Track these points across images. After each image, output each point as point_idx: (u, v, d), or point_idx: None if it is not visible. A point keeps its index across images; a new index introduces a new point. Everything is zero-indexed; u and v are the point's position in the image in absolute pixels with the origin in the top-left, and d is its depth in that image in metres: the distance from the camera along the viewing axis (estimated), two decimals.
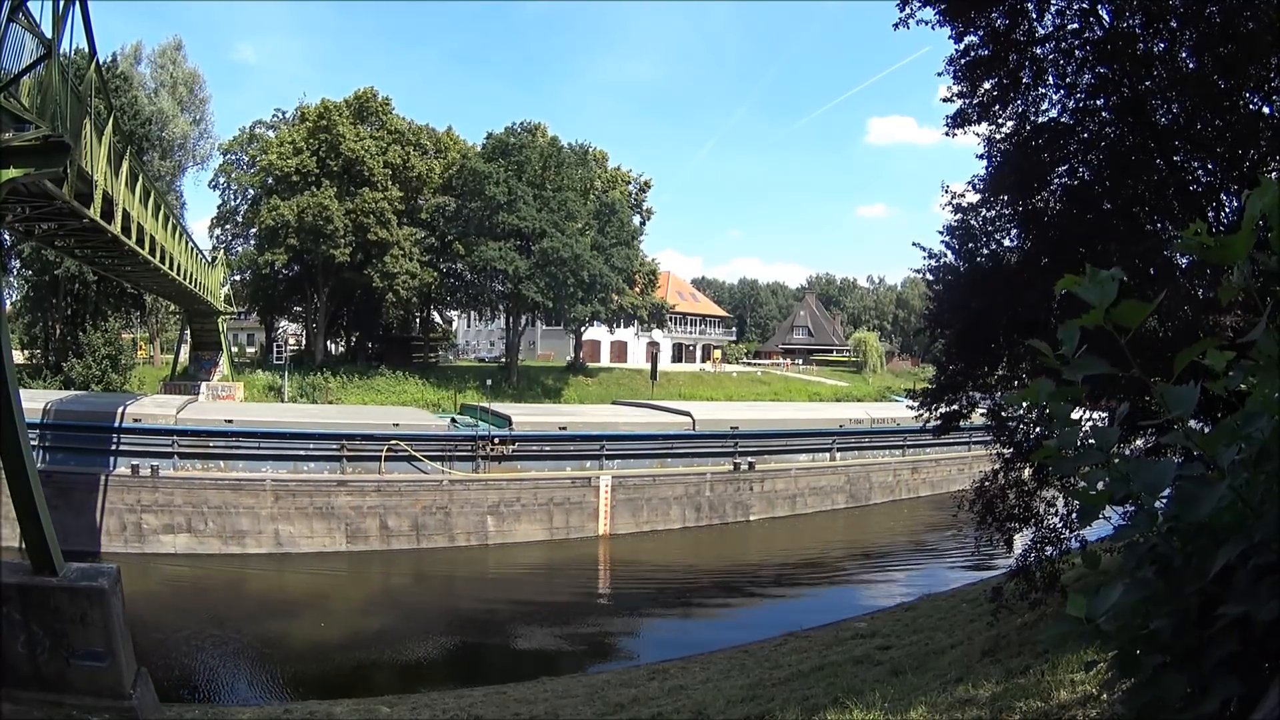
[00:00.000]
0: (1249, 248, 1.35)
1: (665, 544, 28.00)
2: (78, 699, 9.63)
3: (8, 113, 10.20)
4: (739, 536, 29.93)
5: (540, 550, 26.53)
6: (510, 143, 49.33)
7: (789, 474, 32.74)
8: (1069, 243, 9.23)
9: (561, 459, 28.72)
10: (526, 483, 27.33)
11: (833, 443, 34.90)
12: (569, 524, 27.50)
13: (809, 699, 9.09)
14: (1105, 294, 1.40)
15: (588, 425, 30.34)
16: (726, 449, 31.47)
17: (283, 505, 24.29)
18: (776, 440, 33.48)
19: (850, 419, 37.50)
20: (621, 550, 27.28)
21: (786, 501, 32.30)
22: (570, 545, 27.05)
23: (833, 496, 33.94)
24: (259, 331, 64.01)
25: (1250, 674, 1.20)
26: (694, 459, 30.88)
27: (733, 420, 33.52)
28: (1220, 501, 1.24)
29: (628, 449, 29.74)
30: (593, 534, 27.74)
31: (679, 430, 31.55)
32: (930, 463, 38.17)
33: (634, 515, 28.62)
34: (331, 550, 24.46)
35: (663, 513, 29.19)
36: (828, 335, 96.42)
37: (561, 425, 29.72)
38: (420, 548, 25.46)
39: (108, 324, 38.34)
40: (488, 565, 25.42)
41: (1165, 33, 9.02)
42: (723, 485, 30.77)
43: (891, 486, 36.49)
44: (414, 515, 25.64)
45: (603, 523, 27.94)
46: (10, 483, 9.82)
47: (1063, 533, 10.27)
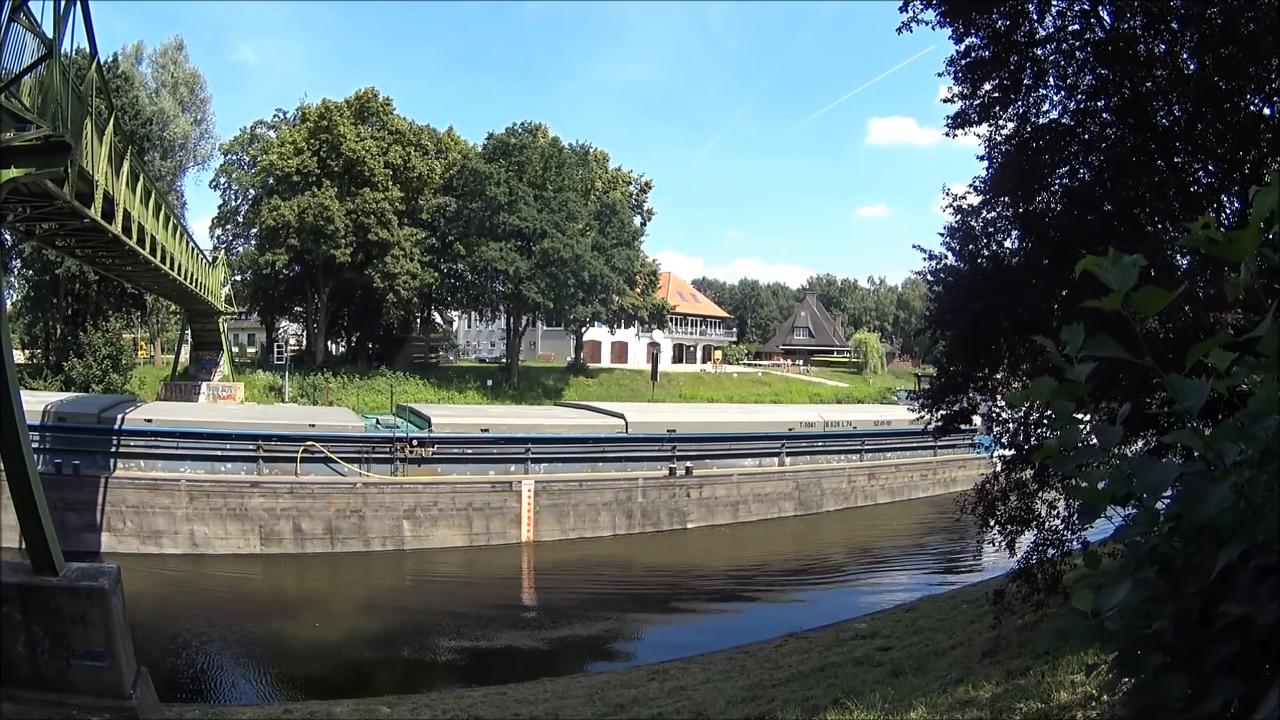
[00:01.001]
0: (1256, 245, 1.35)
1: (592, 552, 26.81)
2: (78, 699, 9.62)
3: (9, 112, 10.21)
4: (672, 545, 28.35)
5: (458, 556, 25.64)
6: (511, 143, 49.35)
7: (730, 480, 31.31)
8: (1070, 244, 9.22)
9: (484, 462, 27.84)
10: (444, 486, 26.44)
11: (781, 447, 33.58)
12: (489, 529, 26.56)
13: (809, 700, 9.09)
14: (1126, 278, 1.39)
15: (511, 427, 29.35)
16: (664, 453, 30.28)
17: (198, 506, 23.88)
18: (718, 444, 32.18)
19: (801, 422, 36.17)
20: (545, 558, 26.20)
21: (728, 509, 30.86)
22: (491, 552, 26.14)
23: (779, 504, 32.28)
24: (259, 332, 64.03)
25: (1251, 675, 1.19)
26: (628, 463, 29.72)
27: (670, 423, 32.25)
28: (1223, 502, 1.24)
29: (555, 452, 28.80)
30: (515, 540, 26.77)
31: (610, 433, 30.48)
32: (890, 468, 36.84)
33: (559, 521, 27.53)
34: (246, 552, 23.97)
35: (591, 519, 28.02)
36: (828, 336, 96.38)
37: (484, 427, 28.87)
38: (335, 552, 24.86)
39: (108, 324, 38.34)
40: (402, 572, 24.58)
41: (1166, 34, 9.02)
42: (657, 491, 29.42)
43: (846, 493, 34.86)
44: (328, 518, 25.00)
45: (525, 529, 26.97)
46: (10, 483, 9.82)
47: (1064, 534, 10.27)
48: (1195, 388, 1.37)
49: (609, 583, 24.21)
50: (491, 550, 26.17)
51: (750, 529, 30.43)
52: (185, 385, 39.79)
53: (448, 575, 24.43)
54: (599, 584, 23.96)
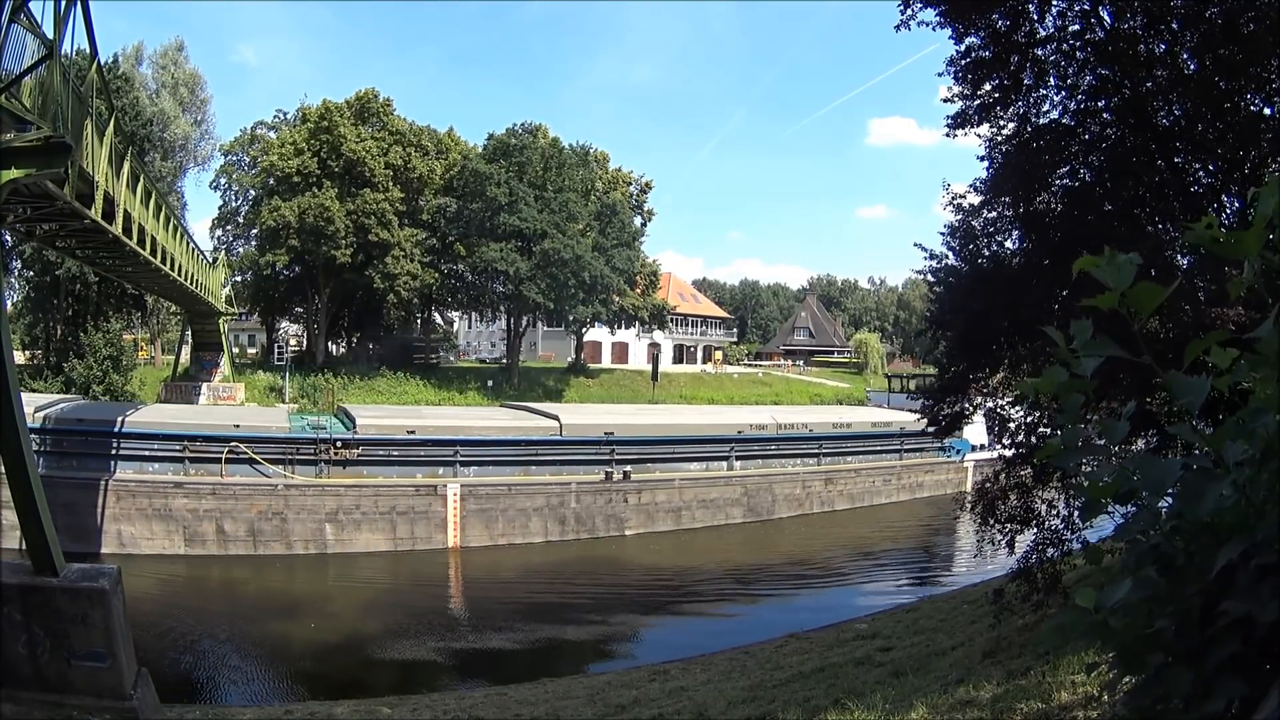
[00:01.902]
0: (1260, 245, 1.35)
1: (520, 558, 25.96)
2: (78, 699, 9.62)
3: (9, 113, 10.22)
4: (607, 553, 27.08)
5: (382, 562, 25.00)
6: (511, 144, 49.34)
7: (672, 485, 29.89)
8: (1070, 244, 9.22)
9: (412, 464, 27.14)
10: (366, 489, 25.78)
11: (730, 450, 32.34)
12: (414, 534, 25.83)
13: (810, 700, 9.09)
14: (1123, 277, 1.40)
15: (439, 429, 28.56)
16: (601, 456, 29.18)
17: (124, 506, 23.59)
18: (660, 447, 30.86)
19: (752, 424, 34.77)
20: (473, 564, 25.32)
21: (669, 515, 29.47)
22: (416, 557, 25.40)
23: (726, 510, 30.82)
24: (260, 332, 64.03)
25: (1252, 674, 1.19)
26: (564, 467, 28.77)
27: (608, 425, 30.90)
28: (1223, 500, 1.24)
29: (484, 455, 28.00)
30: (441, 546, 25.97)
31: (544, 435, 29.55)
32: (849, 473, 35.32)
33: (488, 527, 26.63)
34: (171, 553, 23.59)
35: (521, 525, 27.07)
36: (829, 336, 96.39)
37: (410, 428, 28.16)
38: (258, 554, 24.37)
39: (109, 325, 38.33)
40: (323, 576, 23.90)
41: (1166, 34, 9.02)
42: (591, 496, 28.25)
43: (800, 499, 33.15)
44: (250, 520, 24.57)
45: (452, 534, 26.13)
46: (10, 483, 9.82)
47: (1064, 534, 10.27)
48: (1194, 385, 1.38)
49: (538, 590, 23.25)
50: (416, 556, 25.45)
51: (694, 536, 29.08)
52: (186, 386, 39.81)
53: (366, 580, 23.60)
54: (526, 592, 23.04)
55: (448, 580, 24.82)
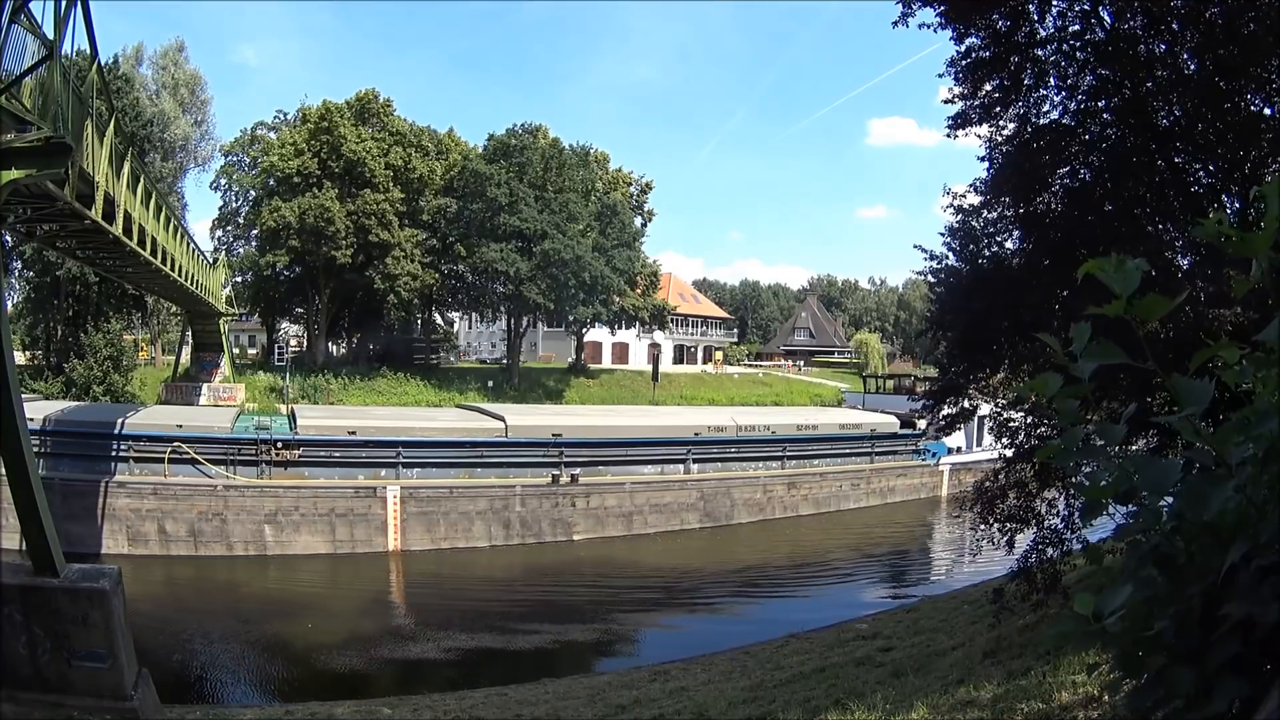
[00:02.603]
0: (1269, 243, 1.35)
1: (463, 564, 25.20)
2: (79, 700, 9.62)
3: (9, 114, 10.21)
4: (550, 558, 26.25)
5: (321, 565, 24.40)
6: (511, 144, 49.32)
7: (622, 489, 28.86)
8: (1070, 244, 9.23)
9: (354, 466, 26.59)
10: (305, 491, 25.27)
11: (688, 453, 31.28)
12: (354, 537, 25.26)
13: (810, 700, 9.09)
14: (1129, 282, 1.39)
15: (380, 430, 27.95)
16: (550, 459, 28.40)
17: (70, 505, 23.02)
18: (611, 450, 29.93)
19: (710, 426, 33.58)
20: (411, 569, 24.68)
21: (620, 520, 28.41)
22: (356, 561, 24.85)
23: (681, 515, 29.74)
24: (260, 333, 64.00)
25: (1252, 675, 1.19)
26: (510, 469, 28.08)
27: (556, 427, 30.11)
28: (1225, 501, 1.24)
29: (427, 456, 27.40)
30: (381, 549, 25.42)
31: (489, 437, 28.81)
32: (814, 477, 34.09)
33: (429, 530, 25.97)
34: (114, 553, 22.86)
35: (464, 529, 26.34)
36: (829, 337, 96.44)
37: (351, 429, 27.58)
38: (199, 555, 24.01)
39: (109, 325, 38.32)
40: (261, 578, 23.28)
41: (1166, 34, 9.03)
42: (537, 500, 27.48)
43: (761, 504, 31.93)
44: (191, 520, 24.21)
45: (392, 537, 25.56)
46: (11, 484, 9.83)
47: (1064, 534, 10.28)
48: (1199, 389, 1.37)
49: (480, 596, 22.51)
50: (356, 559, 24.99)
51: (645, 542, 28.05)
52: (186, 386, 39.79)
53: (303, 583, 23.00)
54: (468, 599, 22.20)
55: (386, 585, 24.23)
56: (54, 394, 34.30)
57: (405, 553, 25.45)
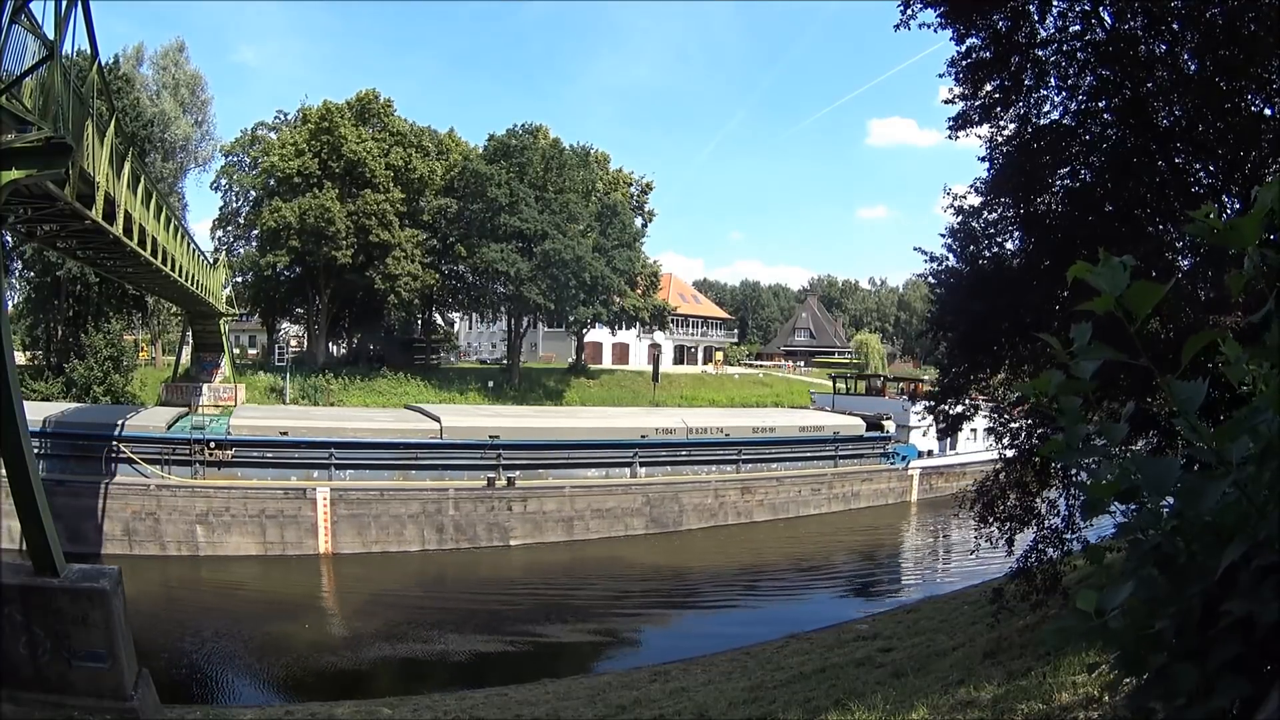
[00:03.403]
0: (1258, 234, 1.35)
1: (391, 569, 24.64)
2: (79, 700, 9.62)
3: (10, 114, 10.22)
4: (482, 563, 25.63)
5: (252, 567, 23.99)
6: (512, 145, 49.33)
7: (562, 492, 28.04)
8: (1071, 245, 9.23)
9: (287, 467, 26.13)
10: (236, 491, 24.94)
11: (634, 456, 30.16)
12: (284, 539, 24.86)
13: (811, 701, 9.09)
14: (1117, 280, 1.40)
15: (313, 430, 27.39)
16: (487, 461, 27.66)
17: (9, 503, 23.09)
18: (552, 453, 29.14)
19: (658, 428, 32.06)
20: (340, 573, 24.16)
21: (560, 525, 27.69)
22: (286, 563, 24.39)
23: (626, 521, 28.67)
24: (261, 333, 64.00)
25: (1253, 675, 1.19)
26: (446, 471, 27.35)
27: (493, 428, 29.10)
28: (1225, 499, 1.24)
29: (359, 457, 26.89)
30: (312, 552, 24.96)
31: (423, 439, 28.11)
32: (770, 482, 32.76)
33: (360, 533, 25.50)
34: None
35: (396, 532, 25.86)
36: (829, 337, 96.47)
37: (283, 430, 27.16)
38: (133, 554, 23.34)
39: (109, 325, 38.31)
40: (192, 579, 22.93)
41: (1167, 35, 9.03)
42: (472, 504, 26.75)
43: (712, 510, 30.74)
44: (125, 520, 23.95)
45: (323, 540, 25.10)
46: (11, 484, 9.83)
47: (1064, 534, 10.28)
48: (1192, 390, 1.38)
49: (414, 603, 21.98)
50: (286, 562, 24.57)
51: (586, 548, 27.26)
52: (186, 387, 39.74)
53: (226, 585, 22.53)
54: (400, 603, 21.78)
55: (314, 588, 23.58)
56: (54, 394, 34.29)
57: (336, 555, 25.05)
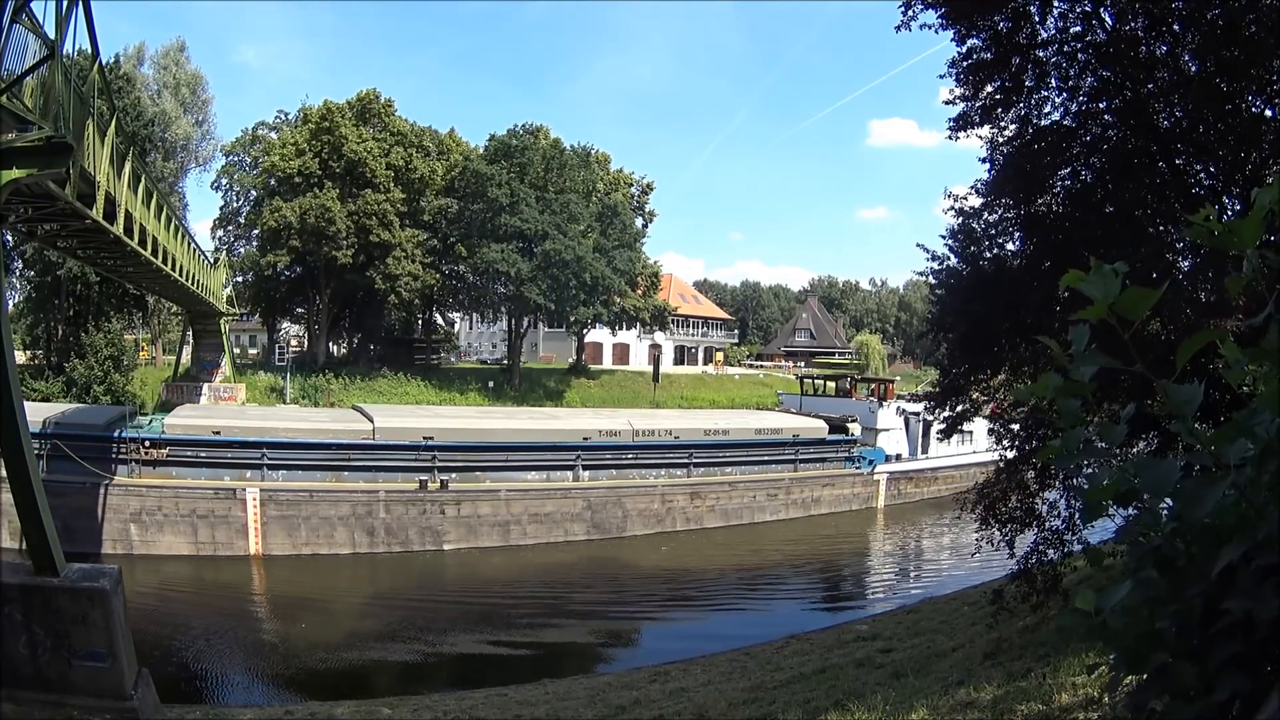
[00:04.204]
0: (1257, 236, 1.35)
1: (323, 571, 24.29)
2: (79, 700, 9.62)
3: (11, 113, 10.22)
4: (409, 568, 25.16)
5: (183, 567, 23.49)
6: (512, 145, 49.34)
7: (497, 496, 27.39)
8: (1071, 246, 9.23)
9: (219, 466, 25.84)
10: (168, 491, 24.67)
11: (577, 459, 29.31)
12: (215, 539, 24.57)
13: (810, 701, 9.09)
14: (1109, 288, 1.40)
15: (245, 430, 27.08)
16: (422, 463, 27.12)
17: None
18: (490, 455, 28.42)
19: (602, 430, 31.08)
20: (267, 576, 23.71)
21: (495, 530, 27.06)
22: (217, 564, 24.03)
23: (566, 526, 27.97)
24: (261, 333, 64.04)
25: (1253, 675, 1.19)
26: (379, 473, 26.94)
27: (428, 429, 28.42)
28: (1224, 500, 1.24)
29: (291, 458, 26.48)
30: (243, 553, 24.66)
31: (355, 439, 27.56)
32: (723, 487, 31.53)
33: (290, 535, 25.10)
34: None
35: (326, 534, 25.41)
36: (830, 338, 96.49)
37: (215, 429, 26.85)
38: (72, 551, 22.78)
39: (110, 325, 38.33)
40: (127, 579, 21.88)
41: (1168, 36, 9.02)
42: (403, 506, 26.31)
43: (659, 516, 29.56)
44: (64, 518, 23.56)
45: (253, 541, 24.79)
46: (11, 483, 9.83)
47: (1065, 535, 10.28)
48: (1188, 393, 1.38)
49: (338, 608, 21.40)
50: (217, 562, 24.25)
51: (523, 553, 26.71)
52: (187, 386, 39.81)
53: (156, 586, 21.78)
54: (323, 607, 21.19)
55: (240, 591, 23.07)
56: (54, 394, 34.29)
57: (266, 557, 24.78)
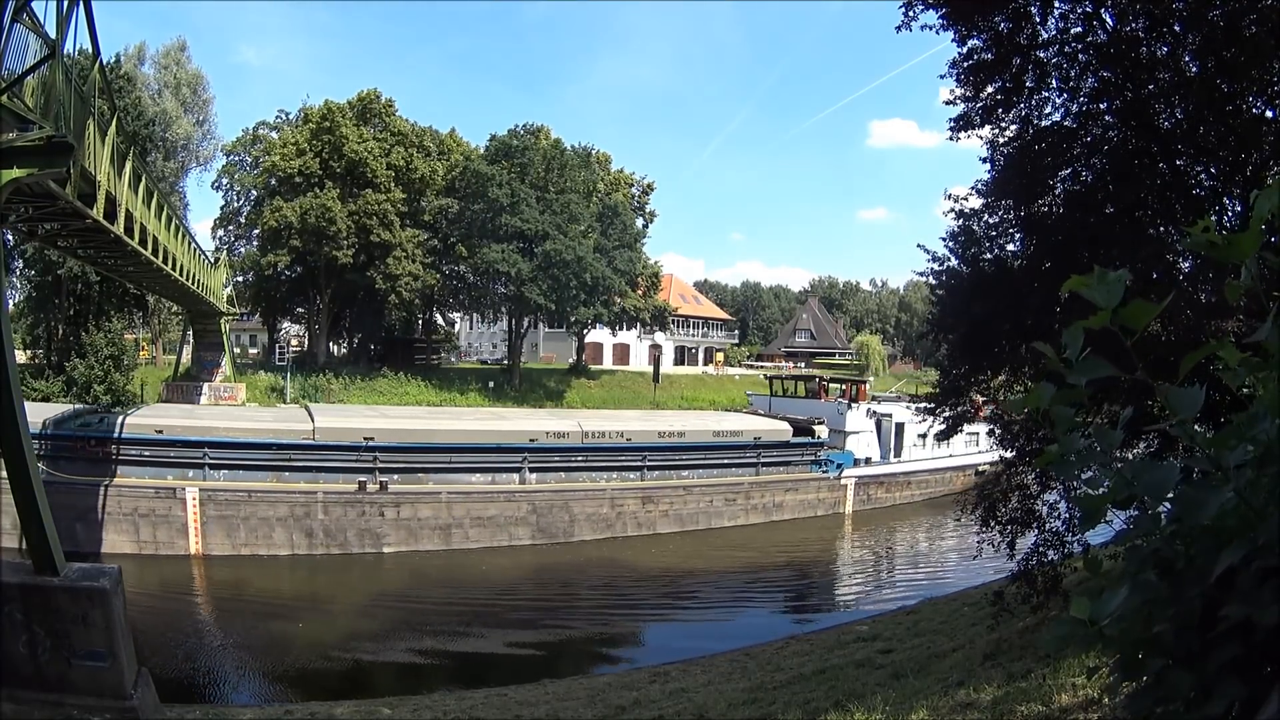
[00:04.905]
0: (1256, 246, 1.35)
1: (258, 573, 23.73)
2: (79, 699, 9.62)
3: (11, 113, 10.23)
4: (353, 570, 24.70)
5: (126, 566, 22.49)
6: (513, 145, 49.35)
7: (438, 499, 26.85)
8: (1072, 247, 9.23)
9: (163, 465, 25.56)
10: (112, 489, 24.31)
11: (523, 461, 28.64)
12: (157, 538, 24.22)
13: (810, 702, 9.08)
14: (1112, 295, 1.39)
15: (186, 429, 26.70)
16: (363, 464, 26.70)
17: None
18: (431, 456, 27.83)
19: (550, 432, 30.32)
20: (209, 576, 23.22)
21: (436, 533, 26.53)
22: (159, 563, 23.50)
23: (510, 530, 27.37)
24: (261, 333, 64.09)
25: (1252, 678, 1.19)
26: (321, 474, 26.46)
27: (369, 430, 27.90)
28: (1224, 504, 1.24)
29: (232, 457, 26.12)
30: (184, 552, 24.32)
31: (295, 439, 27.04)
32: (677, 491, 30.34)
33: (229, 535, 24.80)
34: None
35: (265, 535, 25.09)
36: (830, 338, 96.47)
37: (158, 428, 26.51)
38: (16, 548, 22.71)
39: (110, 324, 38.31)
40: None
41: (1168, 37, 9.02)
42: (342, 508, 25.87)
43: (608, 520, 28.69)
44: (14, 516, 23.22)
45: (194, 541, 24.52)
46: (11, 483, 9.83)
47: (1065, 536, 10.28)
48: (1189, 397, 1.37)
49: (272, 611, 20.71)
50: (159, 562, 23.72)
51: (464, 557, 25.96)
52: (187, 386, 39.85)
53: None
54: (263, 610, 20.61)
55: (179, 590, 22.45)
56: (55, 393, 34.29)
57: (206, 557, 24.56)
